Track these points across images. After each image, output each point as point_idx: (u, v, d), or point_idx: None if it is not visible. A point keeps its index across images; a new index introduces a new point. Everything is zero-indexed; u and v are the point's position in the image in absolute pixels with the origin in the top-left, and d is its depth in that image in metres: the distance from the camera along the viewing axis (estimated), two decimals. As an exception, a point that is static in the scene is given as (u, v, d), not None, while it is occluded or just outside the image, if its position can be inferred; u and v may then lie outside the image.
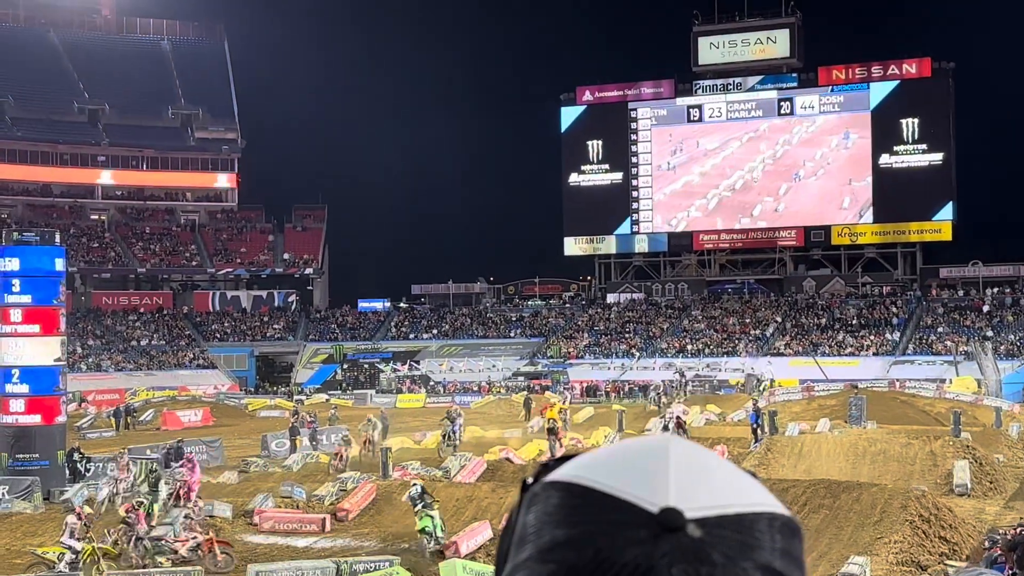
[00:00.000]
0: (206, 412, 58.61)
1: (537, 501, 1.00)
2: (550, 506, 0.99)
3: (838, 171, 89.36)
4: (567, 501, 0.98)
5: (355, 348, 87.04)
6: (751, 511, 1.00)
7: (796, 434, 38.68)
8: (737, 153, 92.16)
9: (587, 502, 0.97)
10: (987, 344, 70.36)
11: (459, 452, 36.71)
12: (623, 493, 0.97)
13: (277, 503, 28.93)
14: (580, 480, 0.99)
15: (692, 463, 1.01)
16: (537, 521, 0.99)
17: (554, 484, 1.00)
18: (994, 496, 30.12)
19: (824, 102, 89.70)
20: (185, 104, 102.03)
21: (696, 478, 0.99)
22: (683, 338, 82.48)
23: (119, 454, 32.97)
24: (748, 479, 1.05)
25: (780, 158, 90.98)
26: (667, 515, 0.95)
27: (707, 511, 0.97)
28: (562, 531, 0.96)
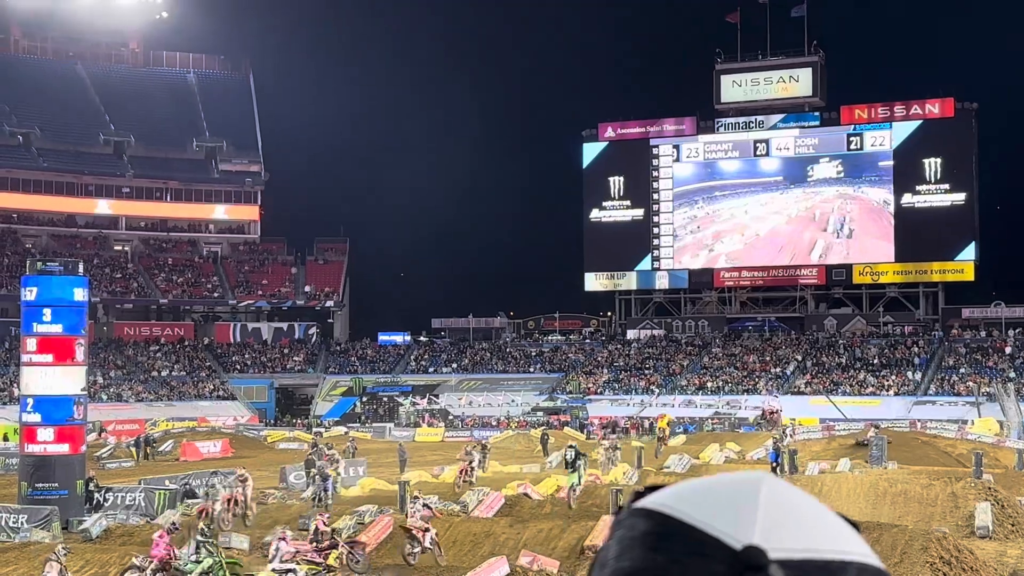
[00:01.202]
0: (225, 443, 58.69)
1: (621, 527, 1.00)
2: (633, 532, 0.99)
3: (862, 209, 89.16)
4: (649, 529, 0.98)
5: (374, 381, 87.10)
6: (839, 559, 0.97)
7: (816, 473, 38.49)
8: (759, 191, 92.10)
9: (669, 532, 0.96)
10: (1009, 385, 69.92)
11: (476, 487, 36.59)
12: (706, 526, 0.96)
13: (294, 535, 28.87)
14: (665, 509, 0.99)
15: (784, 503, 0.99)
16: (618, 546, 0.99)
17: (639, 511, 1.01)
18: (1016, 539, 29.83)
19: (848, 141, 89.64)
20: (209, 137, 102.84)
21: (785, 518, 0.97)
22: (703, 375, 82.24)
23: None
24: (843, 526, 1.02)
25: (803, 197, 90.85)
26: (749, 553, 0.94)
27: (792, 553, 0.94)
28: (640, 558, 0.96)
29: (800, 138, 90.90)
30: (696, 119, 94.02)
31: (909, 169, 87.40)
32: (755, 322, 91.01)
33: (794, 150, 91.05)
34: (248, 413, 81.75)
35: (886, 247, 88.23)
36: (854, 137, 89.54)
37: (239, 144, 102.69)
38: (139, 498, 34.43)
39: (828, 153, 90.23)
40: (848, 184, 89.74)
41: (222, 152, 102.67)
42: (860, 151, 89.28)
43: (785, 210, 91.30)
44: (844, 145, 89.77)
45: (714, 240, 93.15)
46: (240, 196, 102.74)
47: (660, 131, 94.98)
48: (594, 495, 34.87)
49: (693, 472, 42.73)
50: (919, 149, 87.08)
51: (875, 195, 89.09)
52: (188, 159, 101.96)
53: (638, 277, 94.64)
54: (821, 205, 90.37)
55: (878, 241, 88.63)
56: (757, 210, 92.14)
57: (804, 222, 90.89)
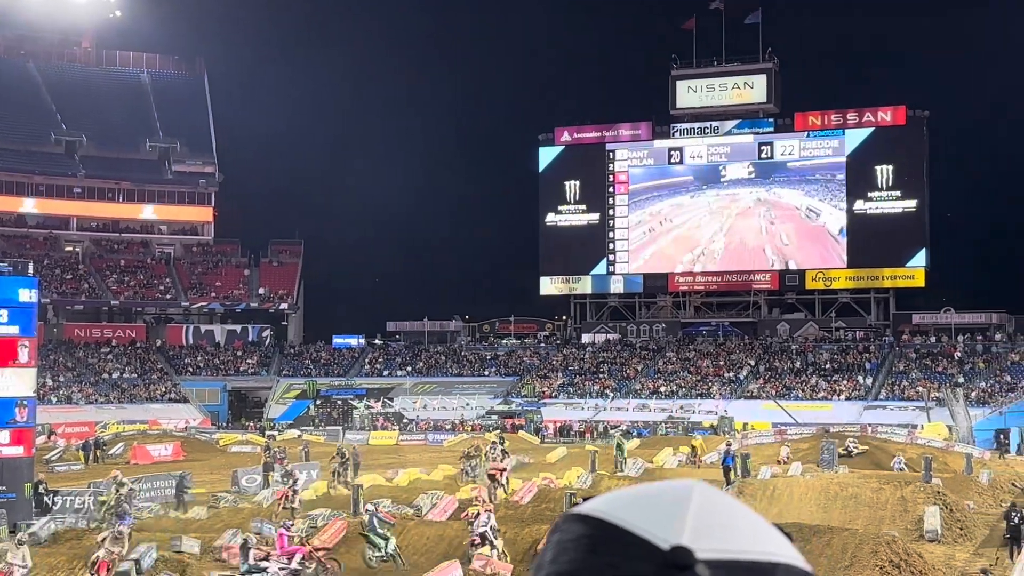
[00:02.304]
0: (177, 446, 58.17)
1: (557, 531, 1.04)
2: (567, 536, 1.02)
3: (814, 214, 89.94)
4: (583, 532, 1.01)
5: (329, 384, 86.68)
6: (767, 560, 1.00)
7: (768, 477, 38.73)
8: (713, 196, 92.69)
9: (601, 535, 1.00)
10: (958, 391, 70.73)
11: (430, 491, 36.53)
12: (637, 528, 0.99)
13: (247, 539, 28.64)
14: (598, 513, 1.03)
15: (714, 507, 1.02)
16: (554, 550, 1.03)
17: (574, 516, 1.05)
18: (964, 543, 30.16)
19: (800, 147, 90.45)
20: (163, 137, 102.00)
21: (715, 522, 1.01)
22: (657, 379, 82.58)
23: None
24: (773, 531, 1.05)
25: (761, 204, 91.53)
26: (677, 553, 0.97)
27: (720, 554, 0.98)
28: (574, 561, 1.00)
29: (754, 144, 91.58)
30: (652, 124, 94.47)
31: (861, 176, 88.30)
32: (709, 327, 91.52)
33: (748, 156, 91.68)
34: (200, 416, 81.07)
35: (836, 253, 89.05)
36: (806, 143, 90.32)
37: (193, 145, 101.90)
38: (88, 502, 34.06)
39: (780, 159, 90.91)
40: (801, 190, 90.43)
41: (176, 153, 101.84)
42: (813, 158, 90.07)
43: (739, 215, 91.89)
44: (798, 152, 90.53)
45: (669, 245, 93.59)
46: (194, 197, 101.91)
47: (616, 136, 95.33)
48: (548, 498, 34.92)
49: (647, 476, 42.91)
50: (871, 156, 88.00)
51: (826, 201, 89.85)
52: (141, 160, 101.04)
53: (593, 281, 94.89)
54: (775, 211, 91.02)
55: (828, 247, 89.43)
56: (712, 215, 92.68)
57: (758, 227, 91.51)
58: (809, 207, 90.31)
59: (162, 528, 30.64)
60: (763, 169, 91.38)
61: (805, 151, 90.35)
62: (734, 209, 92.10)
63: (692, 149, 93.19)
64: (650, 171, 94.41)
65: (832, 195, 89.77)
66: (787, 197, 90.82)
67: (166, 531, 29.70)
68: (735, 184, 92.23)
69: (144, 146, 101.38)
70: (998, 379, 74.29)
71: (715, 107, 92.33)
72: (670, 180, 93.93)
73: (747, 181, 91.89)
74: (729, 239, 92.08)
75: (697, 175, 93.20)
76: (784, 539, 1.05)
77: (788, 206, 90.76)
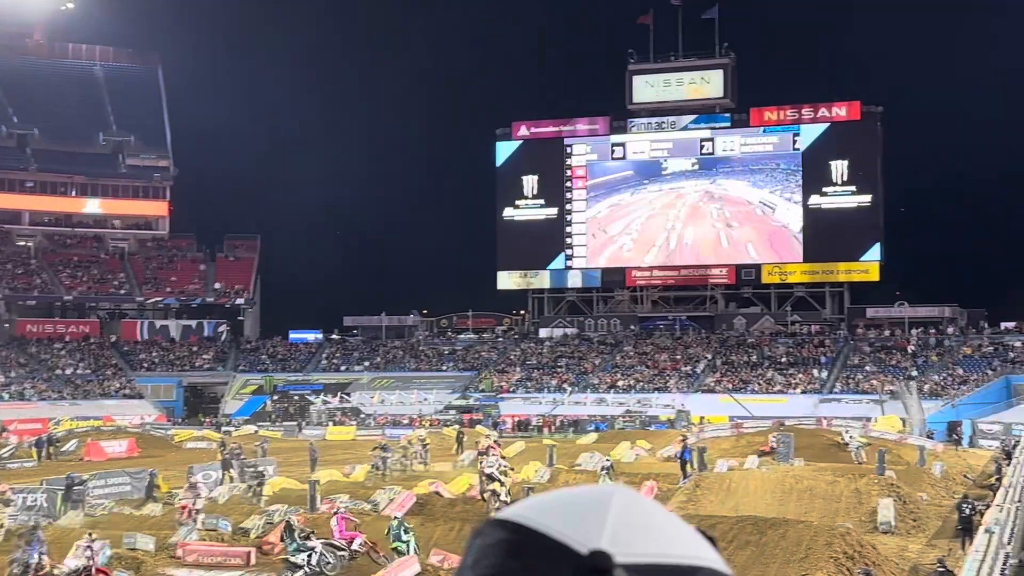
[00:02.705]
0: (131, 443, 57.67)
1: (479, 536, 1.05)
2: (488, 541, 1.03)
3: (770, 209, 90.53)
4: (504, 537, 1.02)
5: (285, 379, 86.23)
6: (688, 563, 1.00)
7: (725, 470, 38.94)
8: (671, 191, 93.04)
9: (521, 539, 1.01)
10: (912, 384, 71.54)
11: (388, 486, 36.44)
12: (557, 533, 1.00)
13: (202, 536, 28.48)
14: (518, 518, 1.03)
15: (635, 512, 1.03)
16: (476, 554, 1.04)
17: (496, 522, 1.06)
18: (917, 534, 30.46)
19: (756, 143, 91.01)
20: (117, 131, 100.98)
21: (635, 526, 1.01)
22: (615, 373, 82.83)
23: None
24: (695, 535, 1.05)
25: (713, 198, 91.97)
26: (595, 557, 0.97)
27: (639, 558, 0.98)
28: (494, 565, 1.00)
29: (710, 139, 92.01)
30: (609, 119, 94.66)
31: (817, 171, 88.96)
32: (666, 321, 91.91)
33: (704, 151, 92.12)
34: (155, 412, 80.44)
35: (792, 248, 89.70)
36: (762, 138, 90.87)
37: (147, 139, 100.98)
38: (40, 499, 33.68)
39: (738, 154, 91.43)
40: (756, 185, 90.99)
41: (129, 147, 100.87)
42: (770, 153, 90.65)
43: (695, 210, 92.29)
44: (754, 146, 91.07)
45: (626, 239, 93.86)
46: (148, 192, 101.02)
47: (573, 130, 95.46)
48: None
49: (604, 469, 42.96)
50: (826, 151, 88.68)
51: (782, 196, 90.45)
52: (94, 153, 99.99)
53: (551, 276, 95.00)
54: (731, 206, 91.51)
55: (784, 242, 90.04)
56: (669, 210, 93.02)
57: (713, 222, 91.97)
58: (764, 202, 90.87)
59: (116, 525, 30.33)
60: (717, 164, 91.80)
61: (759, 146, 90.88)
62: (690, 204, 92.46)
63: (649, 144, 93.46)
64: (607, 166, 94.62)
65: (787, 190, 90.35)
66: (743, 192, 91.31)
67: (120, 528, 29.43)
68: (691, 178, 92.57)
69: (97, 140, 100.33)
70: (951, 372, 75.15)
71: (672, 102, 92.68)
72: (627, 175, 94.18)
73: (702, 175, 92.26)
74: (685, 234, 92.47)
75: (654, 170, 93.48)
76: (706, 543, 1.05)
77: (744, 201, 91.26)
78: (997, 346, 77.86)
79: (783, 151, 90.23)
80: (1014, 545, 21.87)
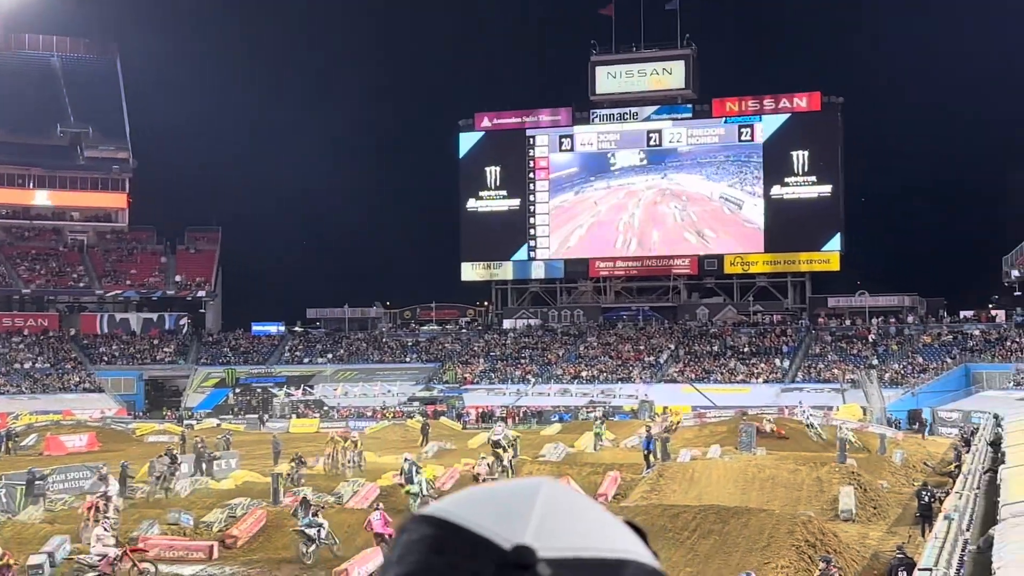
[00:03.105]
0: (92, 437, 57.18)
1: (405, 532, 1.05)
2: (413, 537, 1.03)
3: (731, 200, 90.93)
4: (428, 533, 1.02)
5: (248, 372, 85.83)
6: (613, 557, 0.99)
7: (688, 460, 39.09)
8: (634, 181, 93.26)
9: (445, 535, 1.01)
10: (872, 372, 72.12)
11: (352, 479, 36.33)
12: (480, 528, 0.99)
13: (163, 530, 28.29)
14: (442, 514, 1.03)
15: (561, 506, 1.02)
16: (400, 550, 1.03)
17: (420, 517, 1.05)
18: (878, 521, 30.71)
19: (718, 133, 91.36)
20: (75, 122, 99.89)
21: (561, 520, 1.00)
22: (578, 364, 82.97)
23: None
24: (623, 528, 1.04)
25: (675, 189, 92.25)
26: (517, 552, 0.97)
27: (564, 552, 0.97)
28: (417, 561, 1.00)
29: (673, 130, 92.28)
30: (572, 110, 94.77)
31: (778, 161, 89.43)
32: (629, 311, 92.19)
33: (665, 142, 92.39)
34: (116, 406, 79.78)
35: (752, 238, 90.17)
36: (724, 129, 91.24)
37: (106, 130, 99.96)
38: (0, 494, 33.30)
39: (699, 145, 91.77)
40: (717, 176, 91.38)
41: (88, 138, 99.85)
42: (731, 143, 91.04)
43: (658, 200, 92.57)
44: (716, 137, 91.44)
45: (589, 230, 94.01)
46: (107, 183, 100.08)
47: (536, 121, 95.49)
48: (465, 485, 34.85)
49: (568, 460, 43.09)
50: (787, 142, 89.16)
51: (744, 186, 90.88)
52: (52, 145, 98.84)
53: (514, 267, 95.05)
54: (693, 197, 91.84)
55: (746, 232, 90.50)
56: (632, 201, 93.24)
57: (675, 212, 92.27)
58: (726, 193, 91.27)
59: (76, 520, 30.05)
60: (672, 156, 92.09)
61: (717, 137, 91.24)
62: (653, 193, 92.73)
63: (612, 135, 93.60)
64: (571, 156, 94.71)
65: (749, 181, 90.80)
66: (705, 183, 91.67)
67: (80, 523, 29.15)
68: (654, 169, 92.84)
69: (55, 131, 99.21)
70: (911, 360, 75.83)
71: (634, 93, 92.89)
72: (590, 166, 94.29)
73: (666, 166, 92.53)
74: (648, 224, 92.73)
75: (615, 160, 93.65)
76: (635, 536, 1.04)
77: (706, 192, 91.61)
78: (956, 335, 78.63)
79: (745, 141, 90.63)
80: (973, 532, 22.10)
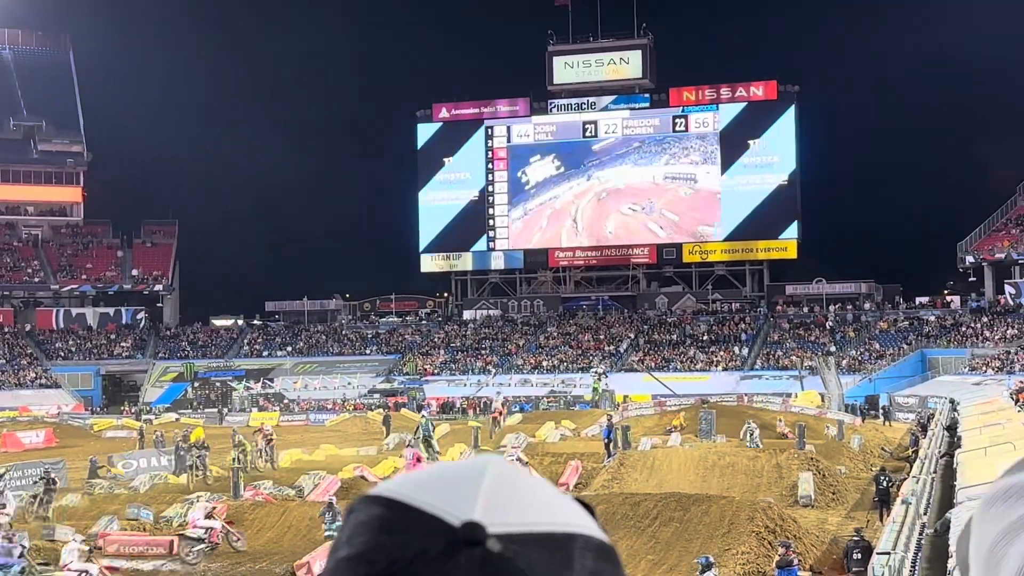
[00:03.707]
0: (49, 433, 56.60)
1: (354, 512, 1.05)
2: (362, 517, 1.03)
3: (689, 189, 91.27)
4: (377, 512, 1.03)
5: (207, 366, 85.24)
6: (562, 531, 1.01)
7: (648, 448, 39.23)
8: (591, 171, 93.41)
9: (393, 515, 1.02)
10: (830, 359, 72.71)
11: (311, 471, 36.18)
12: (429, 506, 1.00)
13: (123, 526, 28.07)
14: (391, 493, 1.04)
15: (508, 483, 1.03)
16: (350, 530, 1.04)
17: (370, 498, 1.05)
18: (836, 506, 30.98)
19: (676, 122, 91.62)
20: (28, 116, 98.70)
21: (509, 497, 1.02)
22: (539, 354, 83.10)
23: None
24: (568, 501, 1.06)
25: (633, 178, 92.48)
26: (467, 528, 0.98)
27: (513, 527, 0.99)
28: (367, 541, 1.01)
29: (630, 119, 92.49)
30: (530, 100, 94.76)
31: (735, 150, 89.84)
32: (589, 301, 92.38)
33: (623, 131, 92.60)
34: (73, 401, 79.07)
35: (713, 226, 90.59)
36: (681, 119, 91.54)
37: (59, 124, 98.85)
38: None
39: (655, 135, 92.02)
40: (672, 164, 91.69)
41: (41, 132, 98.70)
42: (686, 132, 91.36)
43: (616, 189, 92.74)
44: (671, 126, 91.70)
45: (548, 220, 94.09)
46: (61, 177, 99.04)
47: (494, 112, 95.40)
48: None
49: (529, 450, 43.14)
50: (744, 130, 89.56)
51: (703, 174, 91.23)
52: (4, 139, 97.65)
53: (474, 258, 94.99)
54: (647, 184, 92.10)
55: (704, 220, 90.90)
56: (589, 190, 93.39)
57: (633, 201, 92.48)
58: (686, 180, 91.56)
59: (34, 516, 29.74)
60: (641, 143, 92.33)
61: (679, 125, 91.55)
62: (610, 184, 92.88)
63: (569, 125, 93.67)
64: (529, 147, 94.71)
65: (707, 169, 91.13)
66: (664, 170, 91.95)
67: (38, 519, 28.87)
68: (612, 159, 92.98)
69: (8, 125, 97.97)
70: (867, 347, 76.54)
71: (592, 83, 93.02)
72: (548, 156, 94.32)
73: (625, 156, 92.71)
74: (606, 214, 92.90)
75: (575, 151, 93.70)
76: (583, 510, 1.06)
77: (666, 178, 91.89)
78: (912, 320, 79.44)
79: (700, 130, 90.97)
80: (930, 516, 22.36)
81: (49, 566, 23.63)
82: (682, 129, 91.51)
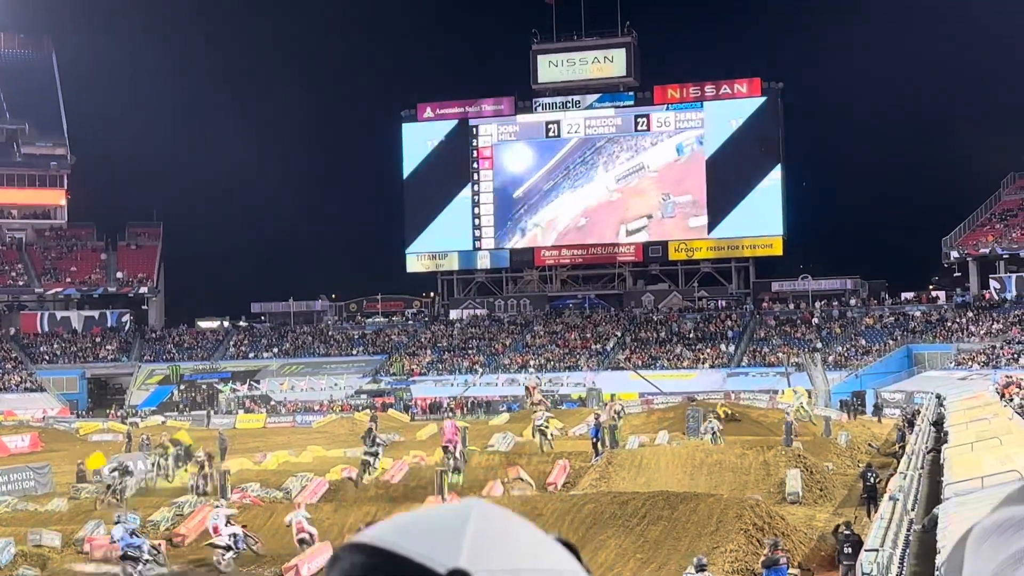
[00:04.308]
0: (34, 437, 56.38)
1: (338, 562, 1.04)
2: (346, 567, 1.02)
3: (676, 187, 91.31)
4: (361, 562, 1.01)
5: (192, 368, 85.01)
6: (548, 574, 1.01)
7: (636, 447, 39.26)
8: (577, 170, 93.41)
9: (378, 563, 1.00)
10: (816, 355, 72.88)
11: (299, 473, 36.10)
12: (414, 554, 0.99)
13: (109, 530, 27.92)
14: (376, 541, 1.02)
15: (493, 526, 1.03)
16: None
17: (353, 546, 1.04)
18: (824, 503, 31.04)
19: (661, 120, 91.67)
20: (10, 119, 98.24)
21: (493, 541, 1.01)
22: (525, 353, 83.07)
23: None
24: (552, 544, 1.06)
25: (620, 175, 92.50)
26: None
27: (498, 573, 0.99)
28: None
29: (614, 117, 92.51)
30: (514, 99, 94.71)
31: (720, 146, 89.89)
32: (576, 299, 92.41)
33: (608, 129, 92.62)
34: (58, 405, 78.77)
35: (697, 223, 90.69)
36: (665, 115, 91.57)
37: (42, 126, 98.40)
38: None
39: (640, 132, 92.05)
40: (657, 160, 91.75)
41: (24, 135, 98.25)
42: (671, 128, 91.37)
43: (601, 188, 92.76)
44: (655, 124, 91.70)
45: (534, 219, 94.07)
46: (45, 180, 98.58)
47: (479, 111, 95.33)
48: (419, 476, 34.84)
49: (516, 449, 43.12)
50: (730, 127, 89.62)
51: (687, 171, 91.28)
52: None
53: (460, 257, 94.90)
54: (635, 183, 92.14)
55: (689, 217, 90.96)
56: (574, 188, 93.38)
57: (619, 200, 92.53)
58: (671, 176, 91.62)
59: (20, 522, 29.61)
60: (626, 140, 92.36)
61: (666, 123, 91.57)
62: (597, 181, 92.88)
63: (553, 124, 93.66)
64: (514, 146, 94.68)
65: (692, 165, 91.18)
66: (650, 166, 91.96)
67: (24, 525, 28.74)
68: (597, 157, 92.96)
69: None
70: (853, 343, 76.73)
71: (576, 81, 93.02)
72: (534, 155, 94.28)
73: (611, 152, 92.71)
74: (592, 212, 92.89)
75: (560, 149, 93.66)
76: (566, 553, 1.05)
77: (651, 174, 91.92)
78: (898, 316, 79.67)
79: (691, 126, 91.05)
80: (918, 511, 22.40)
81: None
82: (667, 126, 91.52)
